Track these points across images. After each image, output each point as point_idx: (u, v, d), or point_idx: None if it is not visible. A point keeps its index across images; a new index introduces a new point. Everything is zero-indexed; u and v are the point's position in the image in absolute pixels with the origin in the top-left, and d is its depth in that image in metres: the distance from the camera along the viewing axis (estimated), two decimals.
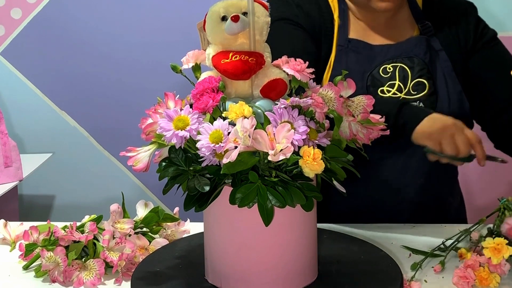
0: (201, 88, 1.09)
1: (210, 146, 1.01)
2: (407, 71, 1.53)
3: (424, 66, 1.53)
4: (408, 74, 1.53)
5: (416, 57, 1.54)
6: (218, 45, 1.14)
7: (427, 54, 1.54)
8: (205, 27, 1.16)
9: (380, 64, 1.53)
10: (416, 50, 1.55)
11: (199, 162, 1.06)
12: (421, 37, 1.56)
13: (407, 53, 1.54)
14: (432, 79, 1.53)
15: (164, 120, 1.06)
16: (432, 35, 1.57)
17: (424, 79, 1.53)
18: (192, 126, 1.04)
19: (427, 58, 1.54)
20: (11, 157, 2.11)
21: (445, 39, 1.57)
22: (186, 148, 1.08)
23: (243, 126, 1.00)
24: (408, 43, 1.56)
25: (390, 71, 1.53)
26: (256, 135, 1.01)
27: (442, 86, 1.54)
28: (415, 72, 1.53)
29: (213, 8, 1.13)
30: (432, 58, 1.55)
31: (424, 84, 1.53)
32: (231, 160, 0.99)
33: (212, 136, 1.02)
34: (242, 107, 1.02)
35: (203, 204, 1.07)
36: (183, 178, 1.09)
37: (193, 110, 1.07)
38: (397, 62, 1.54)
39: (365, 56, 1.54)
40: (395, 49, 1.55)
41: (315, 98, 1.07)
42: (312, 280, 1.14)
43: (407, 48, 1.55)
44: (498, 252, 1.17)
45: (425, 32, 1.57)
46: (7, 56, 2.57)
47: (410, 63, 1.53)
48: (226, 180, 1.08)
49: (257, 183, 1.03)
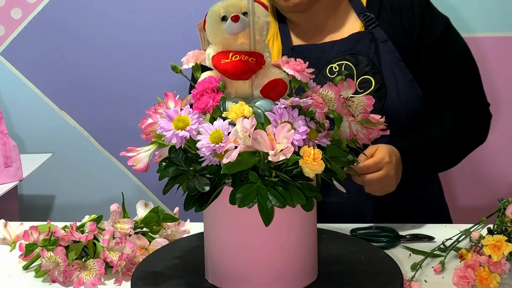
0: (201, 88, 1.09)
1: (210, 146, 1.01)
2: (352, 68, 1.52)
3: (368, 62, 1.52)
4: (353, 72, 1.52)
5: (359, 54, 1.53)
6: (218, 45, 1.14)
7: (370, 48, 1.53)
8: (205, 27, 1.16)
9: (327, 64, 1.53)
10: (358, 46, 1.54)
11: (199, 162, 1.06)
12: (363, 32, 1.55)
13: (351, 50, 1.54)
14: (380, 73, 1.52)
15: (164, 120, 1.06)
16: (376, 26, 1.55)
17: (369, 75, 1.52)
18: (192, 126, 1.04)
19: (371, 53, 1.53)
20: (11, 157, 2.11)
21: (390, 29, 1.56)
22: (186, 148, 1.08)
23: (243, 126, 1.00)
24: (351, 39, 1.55)
25: (336, 70, 1.52)
26: (256, 135, 1.01)
27: (390, 78, 1.53)
28: (360, 69, 1.52)
29: (213, 8, 1.13)
30: (377, 50, 1.53)
31: (370, 80, 1.51)
32: (231, 160, 0.99)
33: (212, 136, 1.02)
34: (242, 107, 1.02)
35: (203, 204, 1.07)
36: (183, 178, 1.09)
37: (193, 110, 1.07)
38: (342, 60, 1.53)
39: (311, 59, 1.54)
40: (340, 45, 1.54)
41: (315, 98, 1.08)
42: (312, 280, 1.15)
43: (350, 44, 1.54)
44: (498, 249, 1.17)
45: (368, 25, 1.55)
46: (7, 56, 2.56)
47: (354, 61, 1.53)
48: (226, 180, 1.08)
49: (257, 183, 1.03)
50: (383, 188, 1.38)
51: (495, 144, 2.35)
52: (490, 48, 2.38)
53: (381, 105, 1.51)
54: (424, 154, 1.50)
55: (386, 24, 1.56)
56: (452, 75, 1.58)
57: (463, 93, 1.59)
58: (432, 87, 1.57)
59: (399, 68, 1.53)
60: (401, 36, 1.56)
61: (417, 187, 1.62)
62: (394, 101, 1.51)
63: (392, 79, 1.53)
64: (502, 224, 1.27)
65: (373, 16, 1.56)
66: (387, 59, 1.54)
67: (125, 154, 1.16)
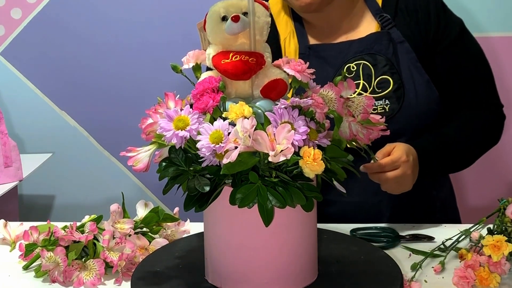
0: (201, 88, 1.09)
1: (210, 147, 1.01)
2: (371, 68, 1.52)
3: (387, 62, 1.52)
4: (371, 72, 1.52)
5: (378, 54, 1.53)
6: (218, 45, 1.14)
7: (389, 48, 1.53)
8: (205, 27, 1.16)
9: (345, 63, 1.53)
10: (377, 46, 1.54)
11: (199, 162, 1.06)
12: (381, 32, 1.55)
13: (369, 50, 1.54)
14: (398, 73, 1.52)
15: (164, 120, 1.06)
16: (393, 27, 1.56)
17: (388, 75, 1.52)
18: (192, 126, 1.04)
19: (390, 53, 1.53)
20: (11, 157, 2.11)
21: (406, 30, 1.56)
22: (186, 148, 1.08)
23: (243, 126, 1.00)
24: (369, 39, 1.55)
25: (354, 70, 1.52)
26: (257, 136, 1.01)
27: (408, 78, 1.53)
28: (378, 69, 1.52)
29: (213, 8, 1.13)
30: (395, 51, 1.54)
31: (388, 80, 1.52)
32: (231, 160, 0.99)
33: (212, 137, 1.02)
34: (242, 107, 1.02)
35: (203, 204, 1.07)
36: (183, 178, 1.09)
37: (193, 110, 1.07)
38: (360, 60, 1.53)
39: (328, 58, 1.54)
40: (358, 45, 1.55)
41: (315, 99, 1.07)
42: (312, 280, 1.14)
43: (368, 44, 1.54)
44: (498, 249, 1.17)
45: (385, 26, 1.56)
46: (7, 56, 2.56)
47: (373, 61, 1.53)
48: (226, 180, 1.08)
49: (257, 184, 1.03)
50: (399, 186, 1.38)
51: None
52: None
53: (399, 106, 1.51)
54: (440, 155, 1.51)
55: (402, 25, 1.57)
56: (467, 76, 1.58)
57: (477, 94, 1.59)
58: (446, 88, 1.57)
59: (416, 69, 1.54)
60: (417, 37, 1.56)
61: (432, 188, 1.63)
62: (412, 101, 1.52)
63: (409, 79, 1.53)
64: (502, 224, 1.27)
65: (389, 17, 1.56)
66: (404, 60, 1.54)
67: (125, 154, 1.16)
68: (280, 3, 1.63)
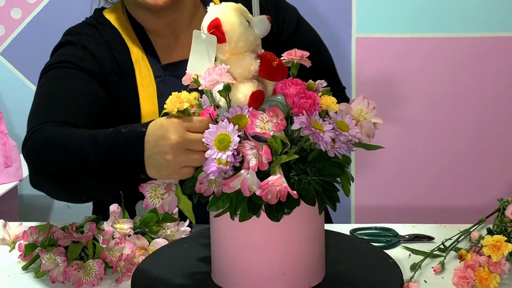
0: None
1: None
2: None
3: None
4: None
5: None
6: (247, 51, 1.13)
7: None
8: (223, 38, 1.10)
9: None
10: None
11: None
12: None
13: None
14: None
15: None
16: None
17: None
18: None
19: None
20: (11, 157, 2.11)
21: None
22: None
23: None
24: None
25: None
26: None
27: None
28: None
29: (233, 14, 1.10)
30: None
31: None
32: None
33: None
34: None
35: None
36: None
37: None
38: None
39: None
40: None
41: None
42: (319, 281, 1.14)
43: None
44: (498, 250, 1.17)
45: None
46: (7, 56, 2.56)
47: None
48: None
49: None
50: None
51: (495, 145, 2.35)
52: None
53: None
54: None
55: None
56: (316, 66, 1.55)
57: (328, 83, 1.55)
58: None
59: None
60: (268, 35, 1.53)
61: None
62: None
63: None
64: (501, 224, 1.27)
65: None
66: None
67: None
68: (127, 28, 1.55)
